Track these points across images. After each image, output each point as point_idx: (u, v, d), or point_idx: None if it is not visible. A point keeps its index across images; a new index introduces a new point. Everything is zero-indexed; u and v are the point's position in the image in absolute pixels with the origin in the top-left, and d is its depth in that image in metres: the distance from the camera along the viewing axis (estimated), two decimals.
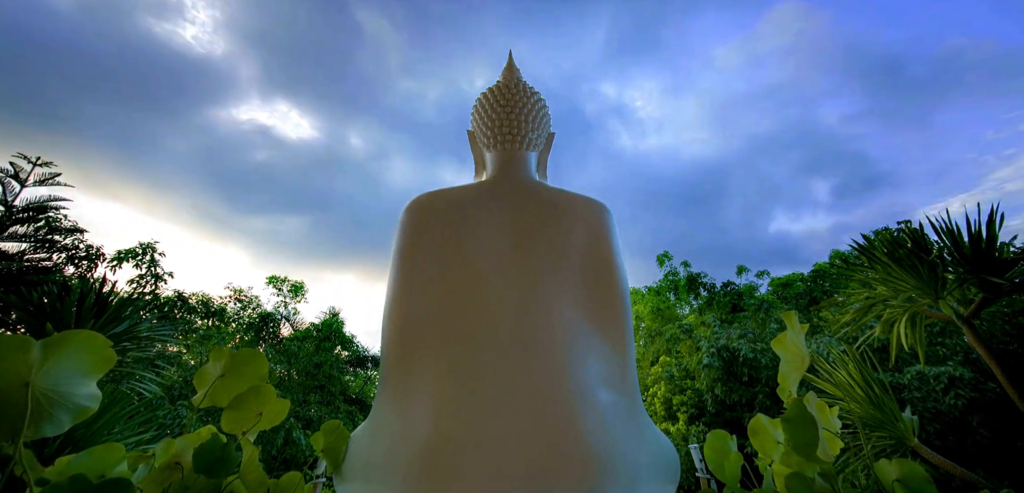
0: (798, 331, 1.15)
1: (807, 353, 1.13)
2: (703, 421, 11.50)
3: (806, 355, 1.12)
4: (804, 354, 1.12)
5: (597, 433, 1.39)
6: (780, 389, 1.17)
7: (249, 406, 1.12)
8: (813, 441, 0.91)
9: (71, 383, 0.81)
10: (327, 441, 1.45)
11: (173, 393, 10.61)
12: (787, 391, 1.14)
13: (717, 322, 13.89)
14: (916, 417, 2.60)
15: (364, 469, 1.45)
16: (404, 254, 1.85)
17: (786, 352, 1.17)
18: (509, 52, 2.68)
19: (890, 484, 0.94)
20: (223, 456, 0.98)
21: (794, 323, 1.16)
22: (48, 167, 5.55)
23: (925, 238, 3.22)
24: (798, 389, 1.15)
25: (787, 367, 1.15)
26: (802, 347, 1.13)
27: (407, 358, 1.62)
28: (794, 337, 1.15)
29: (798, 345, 1.14)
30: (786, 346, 1.17)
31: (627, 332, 1.77)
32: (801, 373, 1.12)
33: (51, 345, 0.79)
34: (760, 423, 1.15)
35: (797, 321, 1.16)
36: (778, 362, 1.20)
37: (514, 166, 2.19)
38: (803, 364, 1.12)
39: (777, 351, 1.19)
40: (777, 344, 1.19)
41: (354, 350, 15.42)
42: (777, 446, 1.10)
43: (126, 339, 3.43)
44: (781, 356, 1.18)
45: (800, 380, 1.14)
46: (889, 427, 2.73)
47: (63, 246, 5.87)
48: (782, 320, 10.30)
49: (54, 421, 0.78)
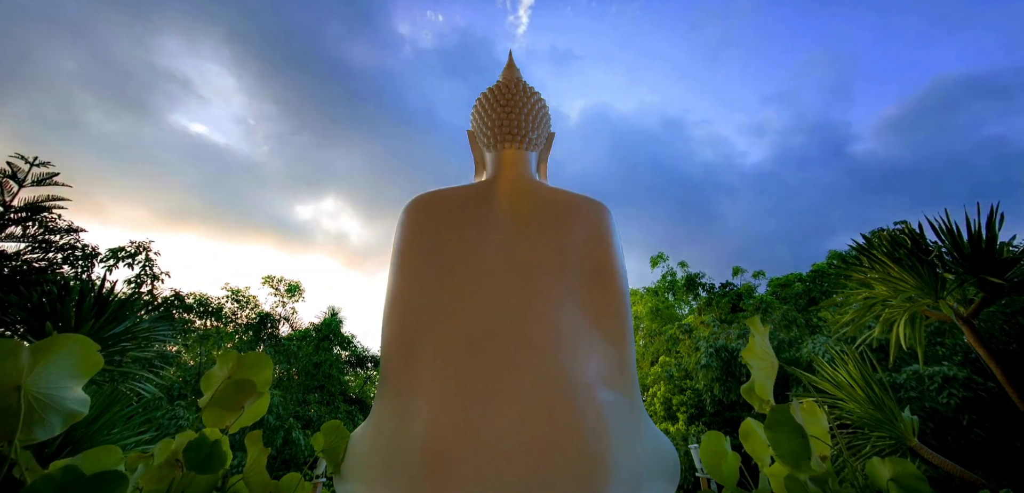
0: (764, 335, 1.13)
1: (775, 358, 1.12)
2: (702, 421, 11.51)
3: (775, 360, 1.11)
4: (773, 359, 1.11)
5: (597, 433, 1.38)
6: (752, 397, 1.12)
7: (230, 402, 1.11)
8: (800, 450, 0.89)
9: (61, 387, 0.81)
10: (327, 441, 1.44)
11: (172, 393, 10.59)
12: (765, 400, 1.11)
13: (715, 322, 13.90)
14: (916, 417, 2.60)
15: (364, 469, 1.44)
16: (404, 254, 1.85)
17: (755, 359, 1.14)
18: (509, 52, 2.68)
19: (884, 483, 0.93)
20: (214, 452, 0.97)
21: (759, 327, 1.14)
22: (45, 167, 5.54)
23: (924, 238, 3.22)
24: (795, 390, 1.14)
25: (760, 374, 1.12)
26: (770, 351, 1.12)
27: (407, 358, 1.61)
28: (762, 343, 1.13)
29: (766, 350, 1.12)
30: (755, 354, 1.14)
31: (627, 332, 1.77)
32: (773, 377, 1.10)
33: (40, 350, 0.79)
34: (750, 426, 1.14)
35: (761, 325, 1.15)
36: None
37: (514, 166, 2.19)
38: (773, 368, 1.10)
39: (747, 361, 1.15)
40: (747, 354, 1.15)
41: (353, 350, 15.40)
42: (768, 449, 1.09)
43: (125, 339, 3.42)
44: (751, 365, 1.14)
45: (791, 379, 1.13)
46: (889, 427, 2.73)
47: (60, 246, 5.85)
48: (780, 321, 10.21)
49: (46, 424, 0.77)
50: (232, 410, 1.11)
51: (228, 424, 1.10)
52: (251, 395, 1.12)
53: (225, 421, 1.10)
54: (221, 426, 1.10)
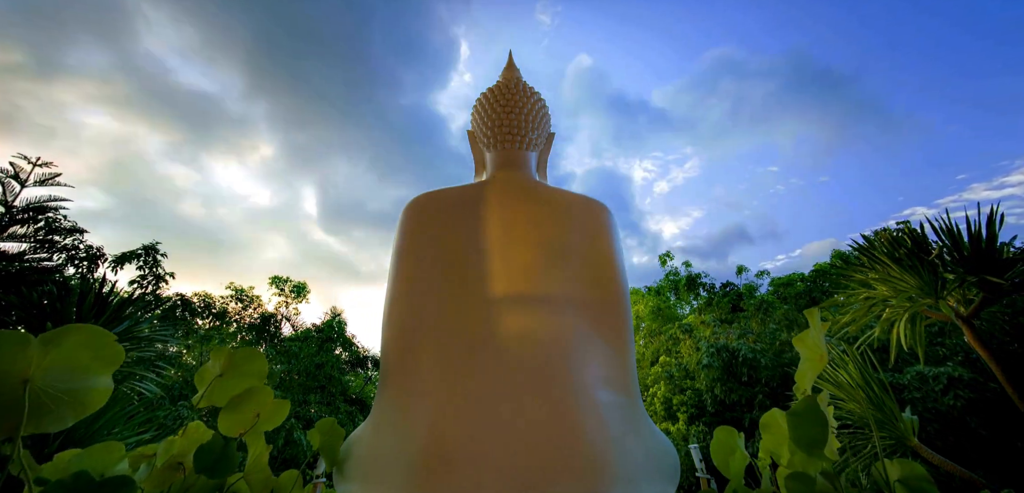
0: (820, 329, 1.16)
1: (826, 351, 1.13)
2: (703, 421, 11.50)
3: (825, 353, 1.13)
4: (824, 351, 1.13)
5: (597, 433, 1.38)
6: (796, 387, 1.18)
7: (246, 408, 1.11)
8: (821, 438, 0.91)
9: (73, 379, 0.80)
10: (323, 439, 1.45)
11: (174, 393, 10.61)
12: (802, 388, 1.15)
13: (716, 322, 13.89)
14: (916, 417, 2.60)
15: (364, 469, 1.44)
16: (403, 254, 1.85)
17: (806, 349, 1.18)
18: (509, 52, 2.69)
19: (891, 484, 0.94)
20: (225, 456, 0.98)
21: (816, 321, 1.17)
22: (48, 167, 5.55)
23: (925, 238, 3.22)
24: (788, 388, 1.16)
25: (806, 365, 1.17)
26: (822, 345, 1.14)
27: (407, 358, 1.61)
28: (815, 335, 1.16)
29: (819, 343, 1.15)
30: (807, 344, 1.18)
31: (627, 332, 1.77)
32: (818, 371, 1.13)
33: (50, 341, 0.77)
34: (774, 417, 1.15)
35: (819, 318, 1.17)
36: (778, 362, 1.20)
37: (514, 166, 2.19)
38: (822, 361, 1.13)
39: (798, 348, 1.20)
40: (799, 341, 1.20)
41: (354, 351, 15.42)
42: (785, 443, 1.11)
43: (126, 339, 3.43)
44: (801, 353, 1.19)
45: (790, 379, 1.15)
46: (889, 427, 2.73)
47: (63, 246, 5.87)
48: (782, 320, 10.25)
49: (56, 417, 0.77)
50: (247, 418, 1.10)
51: (243, 432, 1.10)
52: (267, 404, 1.12)
53: (241, 428, 1.10)
54: (238, 432, 1.09)
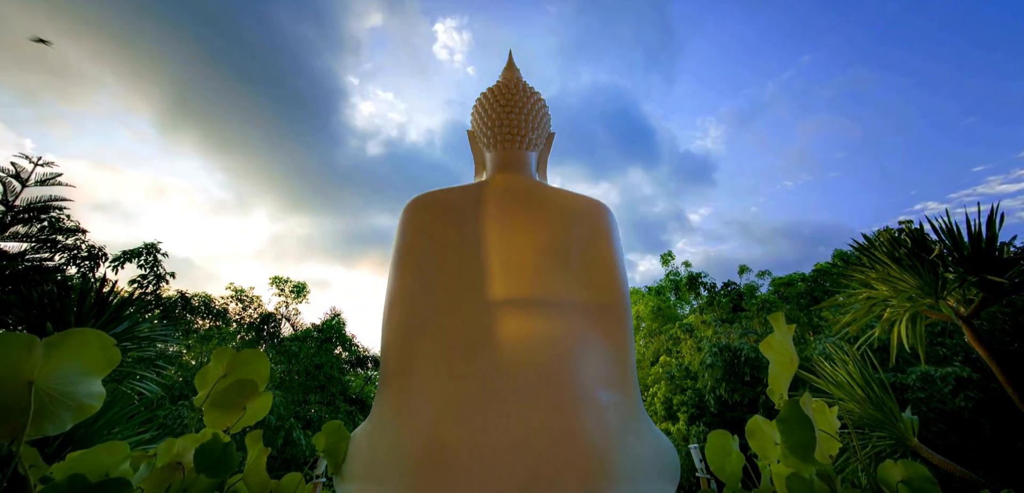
0: (786, 332, 1.15)
1: (796, 354, 1.13)
2: (704, 421, 11.48)
3: (795, 356, 1.12)
4: (793, 355, 1.12)
5: (598, 434, 1.39)
6: (770, 391, 1.17)
7: (232, 402, 1.11)
8: (809, 442, 0.91)
9: (74, 382, 0.81)
10: (328, 441, 1.45)
11: (174, 393, 10.61)
12: (778, 393, 1.14)
13: (717, 322, 13.88)
14: (916, 417, 2.60)
15: (364, 469, 1.45)
16: (403, 255, 1.85)
17: (774, 354, 1.16)
18: (509, 52, 2.68)
19: (894, 485, 0.94)
20: (225, 456, 0.98)
21: (781, 324, 1.16)
22: (49, 167, 5.56)
23: (925, 238, 3.22)
24: (796, 389, 1.15)
25: (777, 369, 1.15)
26: (791, 348, 1.13)
27: (407, 359, 1.61)
28: (782, 338, 1.15)
29: (786, 346, 1.14)
30: (774, 348, 1.16)
31: (627, 332, 1.77)
32: (791, 374, 1.12)
33: (54, 344, 0.78)
34: (758, 424, 1.15)
35: (784, 322, 1.16)
36: None
37: (514, 167, 2.19)
38: (792, 365, 1.12)
39: (765, 354, 1.18)
40: (765, 347, 1.18)
41: (354, 351, 15.42)
42: (775, 447, 1.10)
43: (126, 339, 3.43)
44: (770, 358, 1.18)
45: (792, 380, 1.14)
46: (889, 427, 2.73)
47: (65, 246, 5.88)
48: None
49: (57, 420, 0.78)
50: (235, 410, 1.11)
51: (230, 424, 1.11)
52: (253, 395, 1.13)
53: (227, 421, 1.10)
54: (223, 427, 1.10)
